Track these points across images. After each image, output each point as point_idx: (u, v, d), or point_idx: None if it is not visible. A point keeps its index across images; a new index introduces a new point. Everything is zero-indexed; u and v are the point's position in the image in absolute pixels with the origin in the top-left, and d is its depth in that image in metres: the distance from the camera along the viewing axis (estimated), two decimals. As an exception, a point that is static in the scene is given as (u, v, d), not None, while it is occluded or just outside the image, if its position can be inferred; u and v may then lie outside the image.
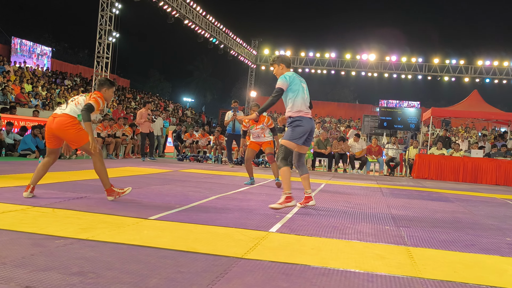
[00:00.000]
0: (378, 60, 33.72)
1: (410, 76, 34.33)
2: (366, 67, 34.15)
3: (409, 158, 15.10)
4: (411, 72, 33.85)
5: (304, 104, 5.39)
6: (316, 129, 17.15)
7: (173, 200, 5.48)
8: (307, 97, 5.50)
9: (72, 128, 4.95)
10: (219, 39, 29.67)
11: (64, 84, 24.79)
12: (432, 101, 52.90)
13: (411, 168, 14.83)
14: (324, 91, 59.38)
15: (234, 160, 14.17)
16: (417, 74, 34.03)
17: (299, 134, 5.34)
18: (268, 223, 4.42)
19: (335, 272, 2.91)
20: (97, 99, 5.07)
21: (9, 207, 4.32)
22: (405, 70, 33.89)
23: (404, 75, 34.38)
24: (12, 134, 11.91)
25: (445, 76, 33.92)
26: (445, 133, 19.09)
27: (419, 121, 17.16)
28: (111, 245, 3.19)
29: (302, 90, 5.42)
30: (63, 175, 7.57)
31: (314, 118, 38.28)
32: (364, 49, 34.92)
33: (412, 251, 3.62)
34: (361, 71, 34.57)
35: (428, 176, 13.98)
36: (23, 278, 2.37)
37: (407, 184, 11.40)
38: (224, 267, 2.83)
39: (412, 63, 33.55)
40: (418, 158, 14.22)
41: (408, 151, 15.36)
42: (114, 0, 19.05)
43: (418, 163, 14.17)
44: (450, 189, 10.60)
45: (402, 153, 15.86)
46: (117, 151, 13.91)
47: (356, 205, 6.36)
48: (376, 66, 33.93)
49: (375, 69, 34.12)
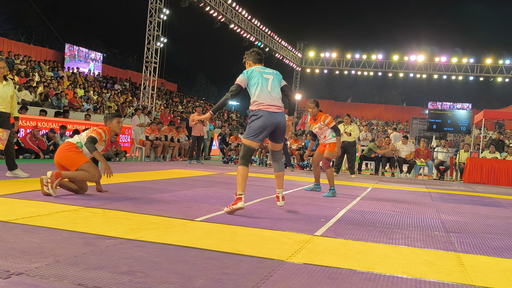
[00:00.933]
0: (427, 61, 32.89)
1: (461, 77, 33.27)
2: (415, 68, 33.38)
3: (460, 162, 14.63)
4: (462, 73, 32.81)
5: (269, 97, 4.84)
6: (364, 132, 16.89)
7: (219, 202, 5.54)
8: (273, 89, 4.91)
9: (69, 151, 5.34)
10: (264, 42, 29.79)
11: (114, 88, 25.59)
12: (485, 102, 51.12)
13: (462, 172, 14.36)
14: (371, 93, 58.53)
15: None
16: (468, 75, 32.93)
17: (255, 130, 4.80)
18: (313, 226, 4.39)
19: (381, 277, 2.86)
20: (99, 131, 5.50)
21: (63, 207, 4.50)
22: (456, 71, 32.88)
23: (455, 76, 33.37)
24: (66, 137, 12.39)
25: (498, 77, 32.66)
26: (499, 136, 18.36)
27: (471, 123, 16.61)
28: (159, 245, 3.25)
29: (265, 82, 4.89)
30: (113, 177, 7.79)
31: (361, 120, 37.82)
32: (412, 50, 34.17)
33: (463, 258, 3.50)
34: (409, 72, 33.82)
35: (480, 181, 13.49)
36: (76, 276, 2.46)
37: (457, 188, 11.05)
38: (269, 269, 2.84)
39: (463, 63, 32.51)
40: (470, 162, 13.76)
41: (459, 155, 14.88)
42: (162, 6, 19.49)
43: (469, 167, 13.71)
44: (503, 194, 10.19)
45: (453, 156, 15.39)
46: (164, 154, 14.20)
47: (403, 209, 6.22)
48: (425, 67, 33.11)
49: (424, 71, 33.29)
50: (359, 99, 52.56)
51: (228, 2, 24.14)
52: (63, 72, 23.09)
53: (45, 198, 4.96)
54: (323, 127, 7.40)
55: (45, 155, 11.41)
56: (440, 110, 22.06)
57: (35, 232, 3.39)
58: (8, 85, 6.73)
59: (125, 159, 12.55)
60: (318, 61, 35.34)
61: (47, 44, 34.91)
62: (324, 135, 7.44)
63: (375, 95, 58.70)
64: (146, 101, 19.68)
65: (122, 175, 8.30)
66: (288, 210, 5.38)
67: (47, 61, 23.81)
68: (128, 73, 33.61)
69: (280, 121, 4.88)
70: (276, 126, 4.87)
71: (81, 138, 5.49)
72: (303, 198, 6.68)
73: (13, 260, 2.65)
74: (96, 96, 21.28)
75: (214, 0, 22.84)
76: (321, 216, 5.07)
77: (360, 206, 6.21)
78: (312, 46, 36.34)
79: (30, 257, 2.72)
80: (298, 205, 5.86)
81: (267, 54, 31.29)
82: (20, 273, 2.43)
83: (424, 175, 15.12)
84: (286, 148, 13.27)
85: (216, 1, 23.07)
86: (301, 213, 5.22)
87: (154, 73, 19.63)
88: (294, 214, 5.11)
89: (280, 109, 4.92)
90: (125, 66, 39.58)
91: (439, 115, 16.98)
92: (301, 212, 5.30)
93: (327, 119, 7.35)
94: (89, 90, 21.41)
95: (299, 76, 36.85)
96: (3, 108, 6.64)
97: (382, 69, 34.23)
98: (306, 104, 9.37)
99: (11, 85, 6.83)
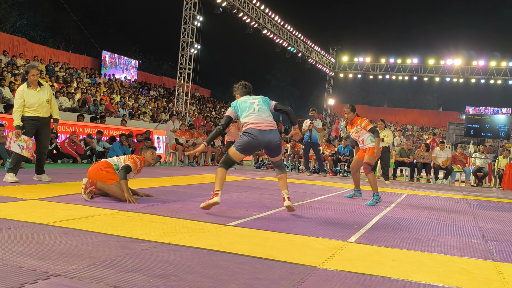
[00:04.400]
0: (464, 65, 32.09)
1: (500, 81, 32.32)
2: (451, 72, 32.61)
3: (499, 168, 14.20)
4: (501, 77, 31.85)
5: (257, 117, 5.14)
6: (397, 137, 16.63)
7: (251, 207, 5.56)
8: (260, 110, 5.21)
9: (103, 170, 5.55)
10: (297, 48, 29.74)
11: (149, 94, 26.05)
12: (525, 107, 49.44)
13: (501, 179, 13.93)
14: (406, 98, 57.50)
15: (312, 169, 14.09)
16: (507, 79, 31.94)
17: (241, 144, 5.13)
18: (346, 233, 4.35)
19: (416, 285, 2.81)
20: (136, 161, 5.68)
21: (99, 211, 4.61)
22: (494, 75, 31.94)
23: (493, 80, 32.43)
24: (102, 143, 12.68)
25: (539, 81, 31.57)
26: (540, 141, 17.74)
27: (510, 128, 16.11)
28: (192, 249, 3.29)
29: (251, 106, 5.23)
30: (147, 181, 7.93)
31: (395, 125, 37.25)
32: (449, 54, 33.43)
33: (502, 267, 3.40)
34: (446, 76, 33.07)
35: (520, 188, 13.07)
36: (111, 278, 2.51)
37: (496, 195, 10.73)
38: (301, 275, 2.83)
39: (502, 67, 31.56)
40: (509, 168, 13.34)
41: (498, 161, 14.45)
42: (196, 13, 19.74)
43: (509, 174, 13.29)
44: (545, 202, 9.82)
45: (491, 163, 14.96)
46: (197, 159, 14.33)
47: (439, 216, 6.09)
48: (462, 71, 32.32)
49: (460, 75, 32.50)
50: (394, 104, 51.80)
51: (261, 8, 24.25)
52: (100, 78, 23.67)
53: (83, 202, 5.10)
54: (359, 131, 7.28)
55: (83, 160, 11.70)
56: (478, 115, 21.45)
57: (72, 234, 3.49)
58: (43, 90, 6.91)
59: (160, 164, 12.74)
60: (351, 65, 35.02)
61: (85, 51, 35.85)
62: (362, 139, 7.27)
63: (410, 100, 57.65)
64: (180, 107, 19.93)
65: (157, 179, 8.43)
66: (321, 216, 5.35)
67: (85, 68, 24.46)
68: (163, 79, 34.12)
69: (271, 139, 5.13)
70: (267, 143, 5.14)
71: (119, 162, 5.69)
72: (336, 204, 6.63)
73: (51, 261, 2.73)
74: (132, 102, 21.71)
75: (247, 6, 22.98)
76: (355, 222, 5.02)
77: (394, 213, 6.11)
78: (346, 51, 36.03)
79: (67, 259, 2.80)
80: (331, 211, 5.81)
81: (300, 59, 31.24)
82: (58, 275, 2.50)
83: (461, 182, 14.74)
84: (319, 153, 13.20)
85: (249, 7, 23.21)
86: (334, 219, 5.18)
87: (188, 79, 19.86)
88: (327, 220, 5.07)
89: (271, 126, 5.17)
90: (160, 73, 40.19)
91: (477, 120, 16.52)
92: (334, 218, 5.26)
93: (364, 122, 7.25)
94: (125, 96, 21.87)
95: (332, 81, 36.57)
96: (39, 113, 6.82)
97: (417, 74, 33.60)
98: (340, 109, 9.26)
99: (47, 89, 7.01)
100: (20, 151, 6.61)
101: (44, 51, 25.11)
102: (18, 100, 6.71)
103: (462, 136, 18.67)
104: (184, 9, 19.58)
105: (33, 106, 6.75)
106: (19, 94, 6.75)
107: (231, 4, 21.51)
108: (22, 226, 3.64)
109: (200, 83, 38.08)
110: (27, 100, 6.72)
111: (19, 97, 6.73)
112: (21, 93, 6.73)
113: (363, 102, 52.03)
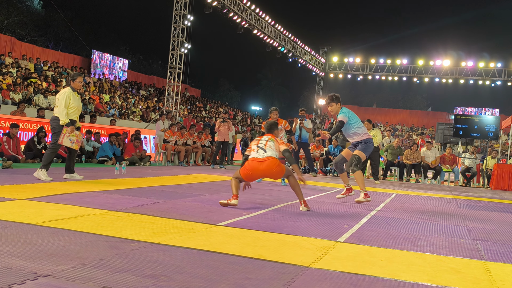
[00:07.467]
0: (453, 65, 32.31)
1: (488, 82, 32.59)
2: (440, 73, 32.82)
3: (487, 168, 14.34)
4: (489, 77, 32.11)
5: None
6: (387, 137, 16.72)
7: (241, 207, 5.56)
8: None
9: (278, 167, 5.81)
10: (288, 48, 29.77)
11: (139, 94, 25.93)
12: (513, 108, 49.95)
13: (489, 178, 14.07)
14: (395, 99, 57.85)
15: (302, 169, 14.11)
16: (496, 79, 32.21)
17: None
18: (336, 232, 4.37)
19: (406, 285, 2.82)
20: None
21: (88, 210, 4.57)
22: (483, 76, 32.19)
23: (482, 81, 32.70)
24: (91, 142, 12.58)
25: (527, 82, 31.88)
26: (528, 142, 17.93)
27: (498, 129, 16.26)
28: (182, 249, 3.28)
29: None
30: (137, 181, 7.90)
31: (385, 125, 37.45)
32: (438, 55, 33.66)
33: (490, 266, 3.43)
34: (435, 77, 33.27)
35: (508, 188, 13.20)
36: (101, 279, 2.50)
37: (484, 195, 10.83)
38: (292, 275, 2.83)
39: (490, 68, 31.80)
40: (497, 168, 13.48)
41: (486, 161, 14.59)
42: (187, 12, 19.68)
43: (497, 174, 13.43)
44: (533, 201, 9.93)
45: (480, 163, 15.09)
46: (187, 159, 14.29)
47: (429, 216, 6.13)
48: (451, 72, 32.54)
49: (449, 75, 32.73)
50: (384, 104, 52.07)
51: (252, 8, 24.23)
52: (90, 78, 23.51)
53: (72, 201, 5.06)
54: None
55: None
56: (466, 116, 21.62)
57: (61, 235, 3.46)
58: (79, 98, 7.63)
59: (149, 164, 12.69)
60: (341, 66, 35.09)
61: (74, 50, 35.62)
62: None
63: (399, 100, 58.01)
64: (170, 106, 19.86)
65: (146, 179, 8.39)
66: (311, 216, 5.36)
67: (74, 67, 24.29)
68: (153, 78, 34.00)
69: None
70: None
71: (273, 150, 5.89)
72: (326, 204, 6.65)
73: (40, 262, 2.71)
74: (122, 101, 21.60)
75: (237, 6, 22.95)
76: (345, 222, 5.04)
77: (384, 213, 6.14)
78: (336, 51, 36.10)
79: (56, 260, 2.78)
80: (321, 211, 5.83)
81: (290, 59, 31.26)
82: (47, 275, 2.48)
83: (450, 182, 14.87)
84: (309, 153, 13.22)
85: (239, 7, 23.18)
86: (324, 219, 5.19)
87: (178, 79, 19.79)
88: (317, 219, 5.08)
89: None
90: (150, 72, 40.02)
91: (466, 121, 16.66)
92: (324, 218, 5.28)
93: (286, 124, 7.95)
94: (115, 96, 21.75)
95: (322, 81, 36.64)
96: (75, 117, 7.44)
97: (406, 74, 33.77)
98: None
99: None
100: (71, 144, 7.31)
101: (33, 50, 24.90)
102: (66, 101, 7.26)
103: (451, 136, 18.83)
104: (175, 8, 19.51)
105: (74, 109, 7.35)
106: (65, 95, 7.28)
107: (222, 4, 21.47)
108: (10, 226, 3.61)
109: (191, 82, 38.02)
110: (72, 102, 7.32)
111: (66, 97, 7.26)
112: (68, 95, 7.27)
113: (353, 103, 52.20)
